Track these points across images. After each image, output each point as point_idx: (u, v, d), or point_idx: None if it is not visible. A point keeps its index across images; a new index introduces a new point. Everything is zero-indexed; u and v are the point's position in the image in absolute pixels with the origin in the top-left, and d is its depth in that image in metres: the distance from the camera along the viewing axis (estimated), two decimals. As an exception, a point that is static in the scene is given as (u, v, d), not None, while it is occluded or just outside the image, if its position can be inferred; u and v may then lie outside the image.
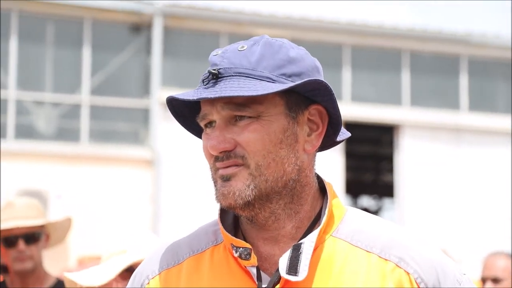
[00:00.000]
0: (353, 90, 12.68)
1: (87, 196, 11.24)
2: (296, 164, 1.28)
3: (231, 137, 1.26)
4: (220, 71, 1.27)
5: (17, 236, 3.10)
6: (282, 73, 1.28)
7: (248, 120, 1.26)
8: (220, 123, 1.27)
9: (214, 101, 1.27)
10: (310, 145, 1.30)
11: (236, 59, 1.28)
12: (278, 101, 1.27)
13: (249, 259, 1.27)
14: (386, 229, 1.31)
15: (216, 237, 1.34)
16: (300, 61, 1.30)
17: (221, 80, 1.27)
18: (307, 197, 1.30)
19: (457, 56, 13.07)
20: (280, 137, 1.27)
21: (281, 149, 1.27)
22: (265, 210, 1.27)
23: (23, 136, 11.45)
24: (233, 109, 1.26)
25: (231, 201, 1.26)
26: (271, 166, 1.26)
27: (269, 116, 1.26)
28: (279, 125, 1.27)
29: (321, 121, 1.31)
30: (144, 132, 11.93)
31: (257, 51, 1.29)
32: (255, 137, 1.26)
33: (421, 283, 1.26)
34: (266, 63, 1.28)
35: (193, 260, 1.33)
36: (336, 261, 1.28)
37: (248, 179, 1.26)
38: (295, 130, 1.28)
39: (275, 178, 1.26)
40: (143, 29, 12.05)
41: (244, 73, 1.27)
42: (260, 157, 1.26)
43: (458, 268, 1.31)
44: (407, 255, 1.28)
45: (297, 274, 1.24)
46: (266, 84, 1.26)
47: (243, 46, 1.29)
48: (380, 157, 15.71)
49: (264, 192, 1.26)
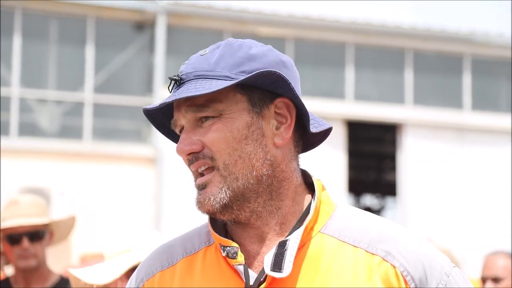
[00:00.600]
0: (356, 88, 12.68)
1: (89, 193, 11.25)
2: (267, 159, 1.28)
3: (197, 138, 1.29)
4: (182, 77, 1.31)
5: (21, 234, 3.11)
6: (242, 70, 1.28)
7: (211, 120, 1.28)
8: (187, 126, 1.30)
9: (179, 106, 1.30)
10: (280, 138, 1.30)
11: (198, 63, 1.31)
12: (239, 98, 1.28)
13: (236, 258, 1.28)
14: (374, 224, 1.32)
15: (208, 238, 1.36)
16: (262, 57, 1.30)
17: (183, 85, 1.30)
18: (286, 192, 1.31)
19: (460, 55, 13.05)
20: (245, 133, 1.28)
21: (247, 145, 1.27)
22: (244, 211, 1.28)
23: (26, 133, 11.46)
24: (195, 111, 1.28)
25: (208, 207, 1.28)
26: (238, 163, 1.27)
27: (231, 113, 1.28)
28: (242, 122, 1.28)
29: (289, 113, 1.31)
30: (146, 130, 11.94)
31: (217, 53, 1.31)
32: (218, 136, 1.27)
33: (407, 276, 1.26)
34: (224, 63, 1.29)
35: (187, 261, 1.35)
36: (324, 258, 1.28)
37: (220, 182, 1.27)
38: (260, 125, 1.29)
39: (245, 175, 1.27)
40: (146, 27, 12.06)
41: (203, 75, 1.29)
42: (226, 156, 1.27)
43: (447, 261, 1.31)
44: (394, 249, 1.28)
45: (281, 270, 1.24)
46: (222, 82, 1.27)
47: (206, 51, 1.32)
48: (382, 156, 15.71)
49: (238, 192, 1.27)
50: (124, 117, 11.94)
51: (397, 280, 1.26)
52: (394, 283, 1.26)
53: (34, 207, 3.16)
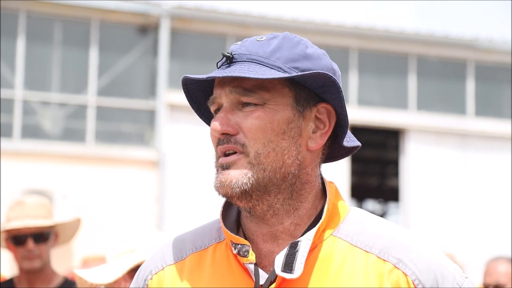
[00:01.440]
0: (359, 94, 12.68)
1: (92, 196, 11.25)
2: (297, 159, 1.28)
3: (235, 121, 1.27)
4: (234, 56, 1.29)
5: (26, 235, 3.11)
6: (295, 66, 1.28)
7: (253, 107, 1.27)
8: (227, 106, 1.28)
9: (224, 84, 1.28)
10: (314, 143, 1.30)
11: (253, 47, 1.29)
12: (286, 92, 1.28)
13: (247, 256, 1.27)
14: (387, 230, 1.30)
15: (219, 234, 1.34)
16: (316, 59, 1.30)
17: (234, 64, 1.28)
18: (307, 195, 1.30)
19: (463, 60, 13.05)
20: (284, 127, 1.27)
21: (283, 140, 1.27)
22: (263, 203, 1.27)
23: (29, 136, 11.47)
24: (240, 93, 1.27)
25: (228, 190, 1.26)
26: (271, 156, 1.26)
27: (275, 105, 1.27)
28: (284, 116, 1.27)
29: (329, 120, 1.31)
30: (149, 133, 11.94)
31: (274, 43, 1.30)
32: (258, 124, 1.26)
33: (418, 284, 1.25)
34: (280, 54, 1.28)
35: (196, 257, 1.33)
36: (335, 261, 1.27)
37: (246, 168, 1.26)
38: (300, 124, 1.28)
39: (274, 169, 1.26)
40: (150, 31, 12.07)
41: (257, 60, 1.28)
42: (260, 145, 1.26)
43: (459, 271, 1.29)
44: (406, 257, 1.27)
45: (292, 271, 1.23)
46: (275, 72, 1.26)
47: (262, 37, 1.31)
48: (385, 161, 15.69)
49: (262, 182, 1.26)
50: (127, 120, 11.95)
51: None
52: None
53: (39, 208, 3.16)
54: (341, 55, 12.54)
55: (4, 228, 3.13)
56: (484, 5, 38.00)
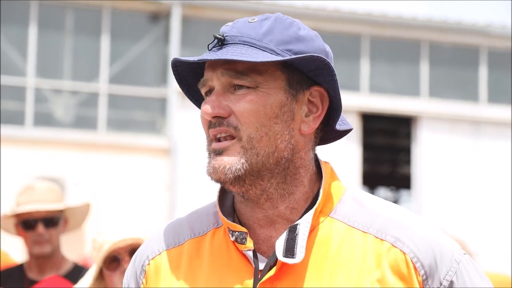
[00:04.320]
0: (371, 81, 12.62)
1: (104, 184, 11.29)
2: (290, 143, 1.26)
3: (227, 104, 1.25)
4: (226, 38, 1.27)
5: (36, 219, 3.11)
6: (288, 48, 1.26)
7: (246, 90, 1.25)
8: (218, 89, 1.26)
9: (215, 67, 1.27)
10: (307, 126, 1.28)
11: (245, 29, 1.28)
12: (279, 75, 1.26)
13: (245, 243, 1.26)
14: (384, 210, 1.29)
15: (217, 219, 1.33)
16: (309, 41, 1.28)
17: (225, 47, 1.27)
18: (302, 179, 1.28)
19: (476, 47, 12.96)
20: (276, 111, 1.25)
21: (276, 124, 1.25)
22: (256, 187, 1.26)
23: (41, 123, 11.50)
24: (232, 76, 1.25)
25: (221, 175, 1.25)
26: (263, 140, 1.25)
27: (268, 88, 1.25)
28: (277, 99, 1.25)
29: (321, 103, 1.29)
30: (161, 121, 11.95)
31: (266, 24, 1.28)
32: (250, 108, 1.24)
33: (417, 262, 1.24)
34: (272, 37, 1.27)
35: (194, 243, 1.32)
36: (333, 243, 1.26)
37: (239, 153, 1.24)
38: (292, 108, 1.27)
39: (267, 153, 1.25)
40: (161, 18, 12.05)
41: (249, 42, 1.26)
42: (252, 129, 1.24)
43: (457, 248, 1.28)
44: (404, 235, 1.26)
45: (294, 256, 1.23)
46: (267, 54, 1.25)
47: (254, 19, 1.29)
48: (397, 149, 15.64)
49: (255, 167, 1.25)
50: (138, 108, 11.96)
51: (407, 266, 1.24)
52: (403, 270, 1.24)
53: (49, 193, 3.16)
54: (353, 42, 12.48)
55: (15, 212, 3.14)
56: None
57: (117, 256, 2.17)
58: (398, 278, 1.24)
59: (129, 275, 1.36)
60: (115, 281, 2.15)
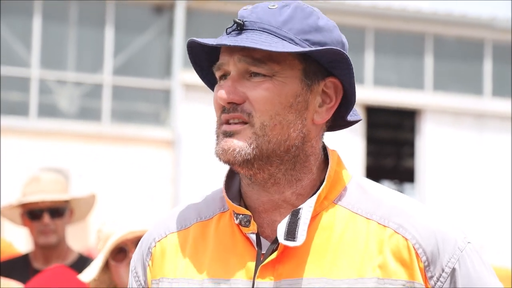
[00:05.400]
0: (375, 74, 12.61)
1: (108, 175, 11.30)
2: (302, 132, 1.27)
3: (242, 90, 1.26)
4: (245, 23, 1.27)
5: (42, 210, 3.12)
6: (306, 38, 1.27)
7: (262, 78, 1.25)
8: (234, 75, 1.27)
9: (232, 52, 1.27)
10: (320, 117, 1.29)
11: (264, 15, 1.28)
12: (296, 64, 1.27)
13: (248, 226, 1.27)
14: (388, 197, 1.30)
15: (223, 204, 1.34)
16: (327, 31, 1.29)
17: (244, 32, 1.27)
18: (311, 167, 1.30)
19: (481, 40, 12.93)
20: (291, 101, 1.26)
21: (290, 113, 1.26)
22: (264, 172, 1.27)
23: (46, 115, 11.52)
24: (250, 63, 1.25)
25: (230, 157, 1.26)
26: (276, 128, 1.26)
27: (284, 77, 1.26)
28: (292, 89, 1.26)
29: (335, 95, 1.30)
30: (165, 113, 11.96)
31: (286, 12, 1.28)
32: (266, 96, 1.25)
33: (419, 249, 1.25)
34: (292, 25, 1.27)
35: (200, 226, 1.34)
36: (336, 228, 1.27)
37: (251, 138, 1.25)
38: (307, 98, 1.28)
39: (279, 141, 1.26)
40: (165, 10, 12.04)
41: (269, 29, 1.26)
42: (267, 117, 1.25)
43: (462, 236, 1.28)
44: (407, 222, 1.27)
45: (295, 239, 1.24)
46: (287, 44, 1.25)
47: (274, 5, 1.29)
48: (401, 142, 15.63)
49: (265, 153, 1.26)
50: (142, 100, 11.97)
51: (408, 252, 1.25)
52: (405, 256, 1.25)
53: (55, 183, 3.17)
54: (357, 35, 12.46)
55: (21, 202, 3.15)
56: (502, -15, 37.53)
57: (124, 247, 2.17)
58: (400, 264, 1.24)
59: (136, 258, 1.38)
60: (121, 272, 2.15)
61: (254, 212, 1.30)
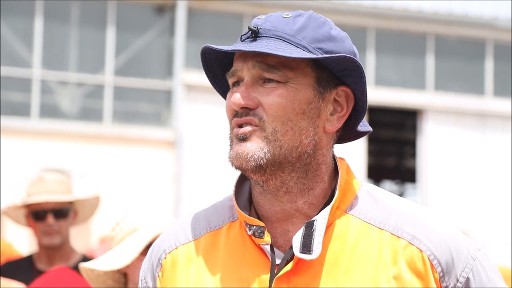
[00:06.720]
0: (376, 74, 12.60)
1: (109, 176, 11.30)
2: (314, 139, 1.28)
3: (255, 96, 1.27)
4: (260, 31, 1.29)
5: (46, 210, 3.13)
6: (320, 47, 1.28)
7: (275, 84, 1.27)
8: (248, 80, 1.28)
9: (246, 58, 1.28)
10: (331, 125, 1.30)
11: (279, 24, 1.29)
12: (309, 72, 1.28)
13: (262, 237, 1.27)
14: (400, 206, 1.30)
15: (233, 213, 1.34)
16: (340, 41, 1.31)
17: (259, 39, 1.28)
18: (323, 176, 1.30)
19: (482, 40, 12.92)
20: (304, 107, 1.27)
21: (302, 120, 1.27)
22: (276, 178, 1.27)
23: (47, 115, 11.52)
24: (263, 69, 1.27)
25: (243, 162, 1.26)
26: (288, 134, 1.26)
27: (297, 84, 1.27)
28: (305, 96, 1.27)
29: (347, 104, 1.31)
30: (166, 113, 11.96)
31: (300, 21, 1.30)
32: (279, 102, 1.26)
33: (433, 260, 1.25)
34: (306, 34, 1.29)
35: (211, 236, 1.33)
36: (349, 239, 1.27)
37: (263, 142, 1.26)
38: (319, 105, 1.28)
39: (290, 147, 1.26)
40: (167, 10, 12.04)
41: (283, 37, 1.28)
42: (279, 123, 1.26)
43: (472, 244, 1.29)
44: (420, 232, 1.27)
45: (310, 252, 1.24)
46: (300, 51, 1.26)
47: (288, 14, 1.31)
48: (403, 142, 15.63)
49: (277, 159, 1.26)
50: (144, 100, 11.97)
51: (423, 263, 1.25)
52: (420, 267, 1.25)
53: (59, 184, 3.17)
54: (359, 34, 12.46)
55: (25, 203, 3.15)
56: (503, -15, 37.48)
57: None
58: (415, 275, 1.25)
59: (146, 268, 1.38)
60: None
61: (266, 222, 1.29)
